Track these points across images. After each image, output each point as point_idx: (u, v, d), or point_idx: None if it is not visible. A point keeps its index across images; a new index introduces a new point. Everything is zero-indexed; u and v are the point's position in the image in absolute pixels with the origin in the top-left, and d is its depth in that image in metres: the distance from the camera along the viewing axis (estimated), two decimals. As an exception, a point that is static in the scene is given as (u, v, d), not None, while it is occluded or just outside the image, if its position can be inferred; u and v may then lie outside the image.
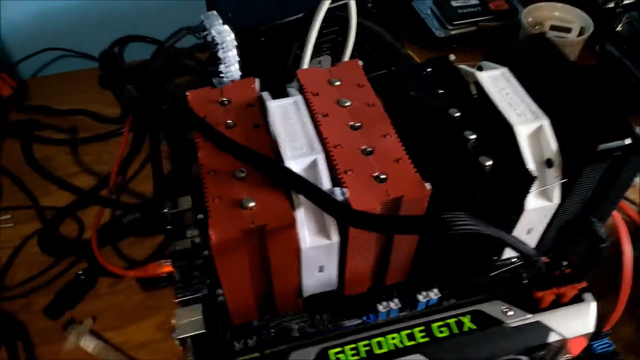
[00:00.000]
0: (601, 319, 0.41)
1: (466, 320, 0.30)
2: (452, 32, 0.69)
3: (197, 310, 0.37)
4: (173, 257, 0.40)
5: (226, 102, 0.35)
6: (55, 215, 0.50)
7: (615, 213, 0.39)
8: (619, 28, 0.66)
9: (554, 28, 0.67)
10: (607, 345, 0.42)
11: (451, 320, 0.30)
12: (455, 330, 0.30)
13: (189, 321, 0.36)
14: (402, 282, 0.38)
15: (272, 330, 0.39)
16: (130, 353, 0.41)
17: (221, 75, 0.47)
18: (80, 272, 0.45)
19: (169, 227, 0.42)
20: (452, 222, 0.26)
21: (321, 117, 0.34)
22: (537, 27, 0.67)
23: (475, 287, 0.35)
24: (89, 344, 0.41)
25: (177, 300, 0.37)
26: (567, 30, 0.66)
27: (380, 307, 0.36)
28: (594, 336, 0.42)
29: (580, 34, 0.66)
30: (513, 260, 0.38)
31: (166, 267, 0.43)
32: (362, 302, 0.36)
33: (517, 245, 0.28)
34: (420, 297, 0.35)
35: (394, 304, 0.35)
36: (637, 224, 0.51)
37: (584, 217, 0.30)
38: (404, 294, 0.37)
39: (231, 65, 0.49)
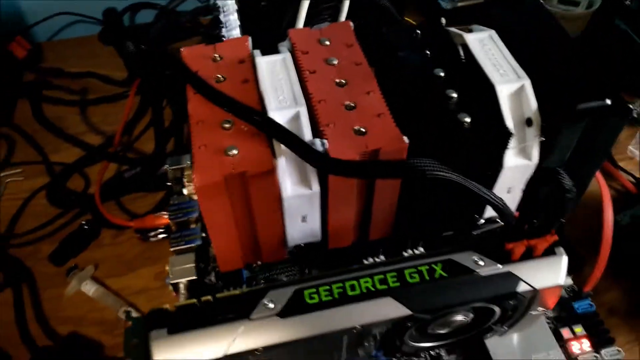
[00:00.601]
0: (584, 281, 0.42)
1: (438, 268, 0.31)
2: (459, 4, 0.69)
3: (190, 258, 0.39)
4: (170, 210, 0.42)
5: (218, 59, 0.37)
6: (62, 170, 0.53)
7: (599, 176, 0.40)
8: (627, 2, 0.65)
9: (562, 1, 0.67)
10: (588, 306, 0.43)
11: (423, 267, 0.31)
12: (427, 277, 0.31)
13: (181, 268, 0.38)
14: (387, 238, 0.40)
15: (262, 282, 0.41)
16: (128, 298, 0.44)
17: (223, 38, 0.49)
18: (84, 222, 0.47)
19: (168, 183, 0.44)
20: (420, 167, 0.27)
21: (308, 73, 0.35)
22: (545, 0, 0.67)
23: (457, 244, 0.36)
24: (89, 289, 0.44)
25: (172, 250, 0.39)
26: (575, 3, 0.66)
27: (366, 262, 0.37)
28: (576, 297, 0.44)
29: (589, 6, 0.65)
30: (497, 218, 0.39)
31: (164, 219, 0.46)
32: (348, 256, 0.38)
33: (485, 195, 0.29)
34: (406, 255, 0.36)
35: (379, 260, 0.37)
36: (631, 193, 0.52)
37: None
38: (389, 249, 0.38)
39: (232, 29, 0.50)
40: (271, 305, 0.30)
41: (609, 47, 0.63)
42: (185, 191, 0.43)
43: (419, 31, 0.38)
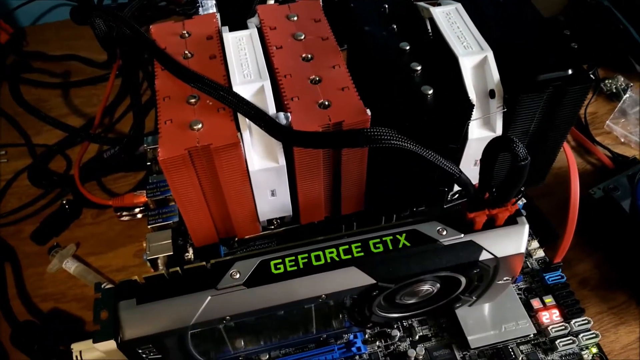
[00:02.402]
0: (555, 253, 0.43)
1: (401, 238, 0.32)
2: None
3: (167, 234, 0.39)
4: (148, 189, 0.43)
5: (186, 35, 0.37)
6: (44, 152, 0.53)
7: (566, 148, 0.40)
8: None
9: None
10: (559, 277, 0.43)
11: (387, 238, 0.32)
12: (390, 247, 0.32)
13: (158, 244, 0.39)
14: (360, 212, 0.40)
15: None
16: (108, 276, 0.45)
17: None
18: (65, 202, 0.48)
19: (148, 162, 0.44)
20: (376, 136, 0.28)
21: (275, 49, 0.36)
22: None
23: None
24: (70, 266, 0.44)
25: (150, 227, 0.40)
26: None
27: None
28: (546, 269, 0.44)
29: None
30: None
31: (142, 198, 0.46)
32: (322, 231, 0.38)
33: (440, 163, 0.29)
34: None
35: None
36: (607, 168, 0.52)
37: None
38: (362, 224, 0.39)
39: (209, 8, 0.50)
40: (237, 276, 0.31)
41: (590, 23, 0.63)
42: (164, 170, 0.44)
43: (386, 5, 0.39)
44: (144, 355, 0.32)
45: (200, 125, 0.31)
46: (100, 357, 0.36)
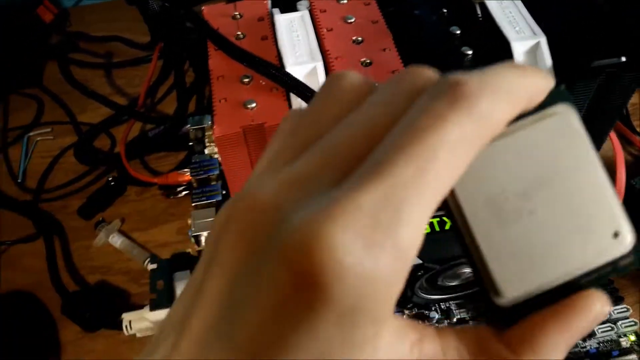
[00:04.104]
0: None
1: (448, 220, 0.32)
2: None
3: (211, 212, 0.40)
4: (192, 168, 0.44)
5: (238, 17, 0.38)
6: (89, 129, 0.55)
7: (613, 137, 0.40)
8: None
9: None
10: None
11: (434, 220, 0.32)
12: (437, 228, 0.32)
13: (203, 221, 0.40)
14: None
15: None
16: (152, 251, 0.46)
17: None
18: (111, 179, 0.49)
19: (190, 142, 0.45)
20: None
21: (326, 31, 0.36)
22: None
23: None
24: (116, 241, 0.46)
25: (193, 205, 0.41)
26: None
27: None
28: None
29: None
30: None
31: (186, 177, 0.47)
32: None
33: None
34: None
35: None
36: (647, 159, 0.52)
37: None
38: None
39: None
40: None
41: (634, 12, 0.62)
42: (206, 150, 0.45)
43: (436, -10, 0.39)
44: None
45: (254, 104, 0.32)
46: (148, 327, 0.37)
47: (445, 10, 0.37)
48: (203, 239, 0.40)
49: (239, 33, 0.36)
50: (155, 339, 0.14)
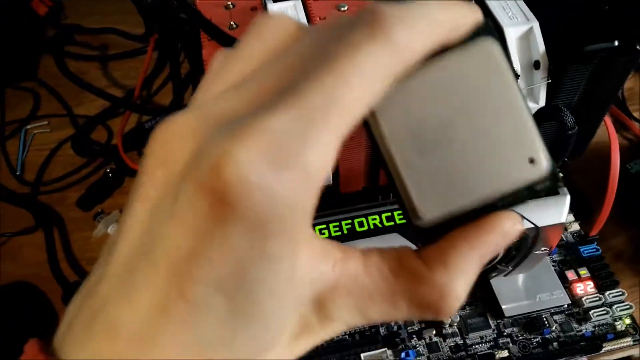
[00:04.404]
0: (592, 228, 0.43)
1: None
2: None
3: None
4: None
5: (231, 6, 0.38)
6: (86, 122, 0.55)
7: (608, 121, 0.40)
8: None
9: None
10: (594, 250, 0.44)
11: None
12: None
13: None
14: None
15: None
16: (151, 241, 0.46)
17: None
18: (109, 170, 0.49)
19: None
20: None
21: (319, 19, 0.36)
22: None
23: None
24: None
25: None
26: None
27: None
28: (582, 242, 0.45)
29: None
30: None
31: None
32: (360, 200, 0.39)
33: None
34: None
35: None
36: (642, 143, 0.52)
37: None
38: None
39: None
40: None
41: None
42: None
43: (429, -24, 0.39)
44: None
45: (248, 94, 0.32)
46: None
47: (438, -3, 0.37)
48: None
49: (232, 23, 0.36)
50: (93, 268, 0.15)
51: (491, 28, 0.16)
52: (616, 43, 0.33)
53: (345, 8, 0.37)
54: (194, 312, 0.13)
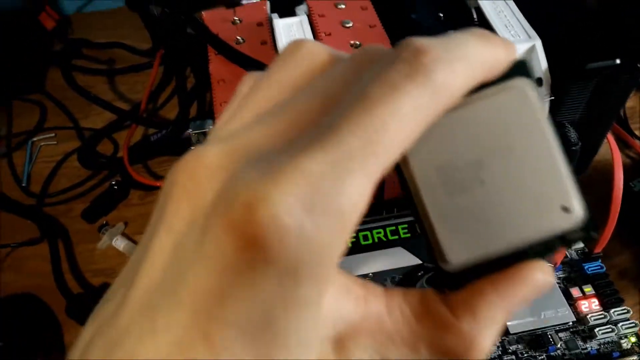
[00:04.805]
0: (594, 243, 0.43)
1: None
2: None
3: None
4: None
5: (238, 21, 0.38)
6: (92, 135, 0.55)
7: (610, 139, 0.40)
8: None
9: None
10: (598, 267, 0.44)
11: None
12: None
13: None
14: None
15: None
16: (154, 254, 0.46)
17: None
18: (114, 182, 0.50)
19: (192, 147, 0.46)
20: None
21: (324, 35, 0.37)
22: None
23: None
24: (120, 244, 0.46)
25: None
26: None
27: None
28: (586, 259, 0.44)
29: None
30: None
31: (188, 180, 0.48)
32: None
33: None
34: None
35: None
36: (645, 161, 0.52)
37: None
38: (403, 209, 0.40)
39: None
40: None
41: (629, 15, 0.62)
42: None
43: (433, -6, 0.39)
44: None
45: (254, 108, 0.32)
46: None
47: (441, 15, 0.38)
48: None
49: (238, 38, 0.37)
50: (108, 293, 0.15)
51: (527, 67, 0.15)
52: (618, 61, 0.34)
53: (350, 24, 0.37)
54: (215, 354, 0.12)
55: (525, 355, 0.40)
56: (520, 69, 0.15)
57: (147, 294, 0.13)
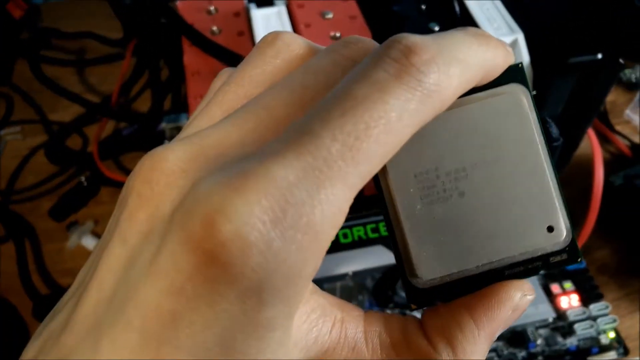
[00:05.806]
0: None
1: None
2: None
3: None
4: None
5: (214, 11, 0.37)
6: (61, 128, 0.53)
7: (591, 134, 0.40)
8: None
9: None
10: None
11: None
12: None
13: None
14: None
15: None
16: (127, 253, 0.45)
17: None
18: (83, 178, 0.48)
19: (166, 141, 0.44)
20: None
21: (303, 27, 0.35)
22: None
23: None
24: (89, 243, 0.45)
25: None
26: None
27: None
28: (565, 255, 0.44)
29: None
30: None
31: (161, 176, 0.46)
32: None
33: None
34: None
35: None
36: (626, 156, 0.52)
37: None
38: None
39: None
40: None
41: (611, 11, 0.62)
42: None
43: (415, -15, 0.38)
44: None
45: (230, 101, 0.31)
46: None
47: (424, 7, 0.37)
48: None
49: (214, 28, 0.35)
50: (59, 303, 0.14)
51: (523, 73, 0.14)
52: (600, 56, 0.33)
53: (331, 15, 0.36)
54: None
55: (505, 352, 0.39)
56: (515, 74, 0.14)
57: (95, 311, 0.12)
